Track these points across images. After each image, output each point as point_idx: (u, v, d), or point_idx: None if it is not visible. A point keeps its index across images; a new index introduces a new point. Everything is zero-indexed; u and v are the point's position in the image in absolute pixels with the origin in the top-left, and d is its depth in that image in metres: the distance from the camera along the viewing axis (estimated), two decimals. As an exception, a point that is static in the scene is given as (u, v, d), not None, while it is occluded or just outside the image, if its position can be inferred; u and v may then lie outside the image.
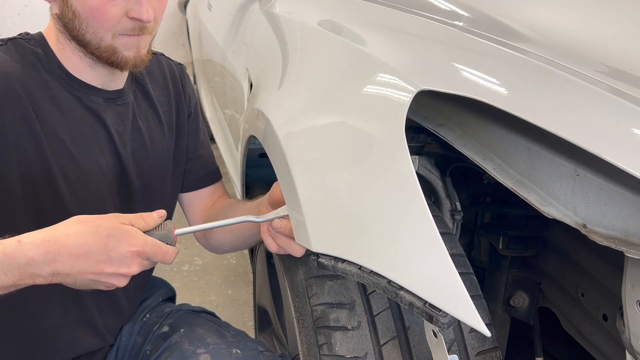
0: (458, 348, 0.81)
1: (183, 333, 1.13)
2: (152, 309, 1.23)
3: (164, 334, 1.15)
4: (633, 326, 0.65)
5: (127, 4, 0.90)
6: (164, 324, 1.18)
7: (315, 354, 0.83)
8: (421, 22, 0.94)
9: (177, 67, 1.18)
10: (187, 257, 2.54)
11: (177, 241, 0.86)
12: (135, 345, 1.17)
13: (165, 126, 1.12)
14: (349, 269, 0.71)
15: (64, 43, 0.96)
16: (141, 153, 1.07)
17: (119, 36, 0.92)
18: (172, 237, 0.84)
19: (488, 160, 0.80)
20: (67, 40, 0.95)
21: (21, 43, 0.97)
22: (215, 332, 1.13)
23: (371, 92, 0.81)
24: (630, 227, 0.65)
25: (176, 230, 0.85)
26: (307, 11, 1.24)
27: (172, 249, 0.82)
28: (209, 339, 1.10)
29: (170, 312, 1.22)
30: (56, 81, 0.96)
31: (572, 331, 1.07)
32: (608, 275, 0.92)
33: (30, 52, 0.96)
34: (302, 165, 0.82)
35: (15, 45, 0.96)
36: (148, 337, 1.17)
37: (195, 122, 1.20)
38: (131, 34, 0.92)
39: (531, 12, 0.88)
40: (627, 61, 0.72)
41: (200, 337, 1.11)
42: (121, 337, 1.18)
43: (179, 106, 1.15)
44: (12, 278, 0.71)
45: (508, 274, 1.19)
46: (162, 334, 1.16)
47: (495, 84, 0.73)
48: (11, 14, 4.57)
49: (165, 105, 1.12)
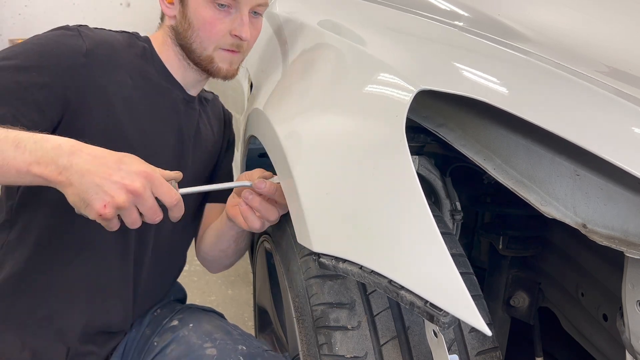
0: (458, 348, 0.81)
1: (191, 328, 1.16)
2: (164, 305, 1.27)
3: (173, 327, 1.18)
4: (633, 326, 0.65)
5: (232, 24, 1.07)
6: (174, 318, 1.21)
7: (315, 354, 0.83)
8: (421, 22, 0.94)
9: (227, 112, 1.36)
10: (187, 257, 2.54)
11: None
12: (144, 337, 1.19)
13: (212, 144, 1.27)
14: (349, 269, 0.71)
15: (169, 46, 1.13)
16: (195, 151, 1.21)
17: (219, 50, 1.09)
18: None
19: (488, 160, 0.80)
20: (173, 44, 1.13)
21: (133, 36, 1.14)
22: (222, 329, 1.16)
23: (371, 92, 0.81)
24: (630, 227, 0.65)
25: (180, 190, 0.89)
26: (307, 11, 1.24)
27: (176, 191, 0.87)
28: (216, 334, 1.13)
29: (181, 309, 1.26)
30: (153, 69, 1.12)
31: (572, 331, 1.07)
32: (608, 275, 0.92)
33: (137, 44, 1.12)
34: (302, 166, 0.82)
35: (128, 36, 1.13)
36: (157, 329, 1.19)
37: (231, 153, 1.35)
38: (229, 49, 1.09)
39: (531, 12, 0.88)
40: (627, 61, 0.72)
41: (208, 332, 1.14)
42: (131, 328, 1.19)
43: (224, 138, 1.32)
44: (31, 157, 0.79)
45: (508, 274, 1.19)
46: (171, 327, 1.18)
47: (495, 84, 0.74)
48: (11, 14, 4.58)
49: (216, 131, 1.29)
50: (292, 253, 0.97)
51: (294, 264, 0.95)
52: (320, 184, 0.78)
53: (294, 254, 0.96)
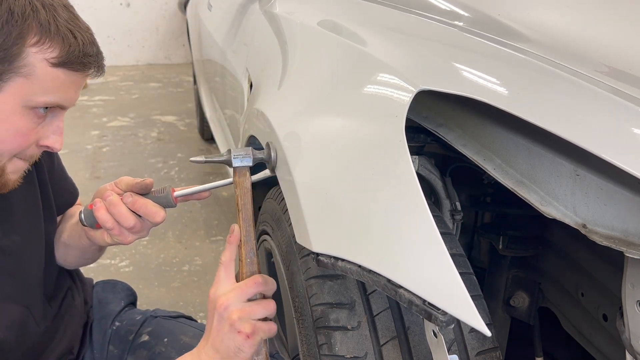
0: (458, 348, 0.80)
1: (167, 342, 1.12)
2: (119, 316, 1.21)
3: (145, 344, 1.14)
4: (633, 326, 0.65)
5: (43, 131, 0.87)
6: (141, 333, 1.16)
7: (315, 354, 0.83)
8: (421, 22, 0.94)
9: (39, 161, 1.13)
10: (187, 257, 2.54)
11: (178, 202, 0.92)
12: (113, 356, 1.15)
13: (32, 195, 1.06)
14: (348, 267, 0.71)
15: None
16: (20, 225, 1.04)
17: (14, 159, 0.87)
18: (172, 199, 0.91)
19: (488, 160, 0.80)
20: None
21: None
22: (199, 338, 1.10)
23: (371, 92, 0.81)
24: (630, 227, 0.65)
25: (175, 192, 0.91)
26: (307, 11, 1.24)
27: (160, 211, 0.89)
28: None
29: (145, 319, 1.20)
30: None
31: (572, 331, 1.07)
32: (608, 275, 0.92)
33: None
34: (301, 165, 0.82)
35: None
36: (126, 347, 1.15)
37: (45, 163, 1.13)
38: (27, 158, 0.89)
39: (531, 12, 0.88)
40: (627, 61, 0.72)
41: (188, 346, 1.10)
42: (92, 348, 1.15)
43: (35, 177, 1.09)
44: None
45: (508, 274, 1.18)
46: (142, 343, 1.14)
47: (495, 84, 0.73)
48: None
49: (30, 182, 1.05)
50: (292, 253, 0.97)
51: (294, 264, 0.95)
52: (320, 184, 0.78)
53: (294, 254, 0.95)
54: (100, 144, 3.99)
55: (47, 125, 0.87)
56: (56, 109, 0.87)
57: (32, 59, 0.79)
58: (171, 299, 2.23)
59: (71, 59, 0.82)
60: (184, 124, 4.47)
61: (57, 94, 0.83)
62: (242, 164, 0.89)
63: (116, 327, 1.19)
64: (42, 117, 0.85)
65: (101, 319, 1.20)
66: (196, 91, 3.70)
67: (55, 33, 0.80)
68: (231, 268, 0.86)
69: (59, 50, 0.81)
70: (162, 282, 2.34)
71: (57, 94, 0.83)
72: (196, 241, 2.67)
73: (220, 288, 0.83)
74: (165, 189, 0.91)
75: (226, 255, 0.86)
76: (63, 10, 0.83)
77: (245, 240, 0.88)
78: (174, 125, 4.45)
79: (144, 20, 6.88)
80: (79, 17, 0.86)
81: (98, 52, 0.87)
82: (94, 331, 1.18)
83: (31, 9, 0.79)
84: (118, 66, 6.63)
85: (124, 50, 6.84)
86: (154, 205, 0.90)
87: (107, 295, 1.25)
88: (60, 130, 0.88)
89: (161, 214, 0.90)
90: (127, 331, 1.18)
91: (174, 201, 0.91)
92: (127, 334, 1.17)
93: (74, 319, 1.13)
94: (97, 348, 1.16)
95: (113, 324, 1.19)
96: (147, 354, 1.11)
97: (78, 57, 0.83)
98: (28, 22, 0.79)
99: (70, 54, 0.82)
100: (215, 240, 2.69)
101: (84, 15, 0.91)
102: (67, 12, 0.84)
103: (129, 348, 1.15)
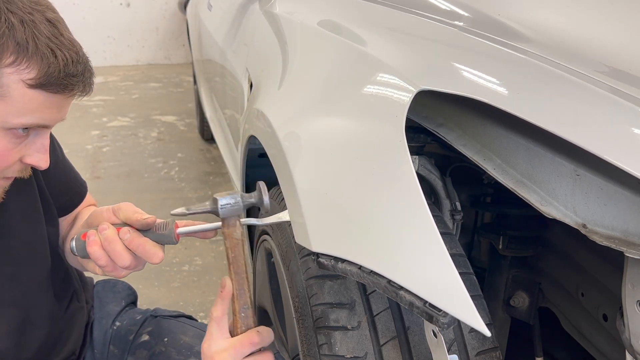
0: (458, 348, 0.81)
1: (167, 342, 1.11)
2: (120, 316, 1.20)
3: (145, 343, 1.13)
4: (633, 326, 0.65)
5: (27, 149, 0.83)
6: (141, 333, 1.16)
7: (315, 354, 0.83)
8: (421, 22, 0.94)
9: None
10: (187, 257, 2.54)
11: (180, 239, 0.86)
12: (113, 356, 1.14)
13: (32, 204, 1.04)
14: (348, 269, 0.71)
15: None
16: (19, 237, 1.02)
17: None
18: (174, 236, 0.84)
19: (488, 160, 0.80)
20: None
21: None
22: (199, 338, 1.07)
23: (371, 92, 0.81)
24: (630, 227, 0.65)
25: (179, 229, 0.84)
26: (307, 11, 1.24)
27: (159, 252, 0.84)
28: (197, 347, 1.08)
29: (145, 319, 1.19)
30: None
31: (572, 331, 1.07)
32: (608, 275, 0.92)
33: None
34: (301, 165, 0.82)
35: None
36: (126, 347, 1.14)
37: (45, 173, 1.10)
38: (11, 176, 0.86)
39: (531, 12, 0.88)
40: (627, 61, 0.72)
41: (188, 345, 1.09)
42: (93, 348, 1.15)
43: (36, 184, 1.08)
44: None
45: (508, 274, 1.18)
46: (142, 343, 1.13)
47: (495, 84, 0.74)
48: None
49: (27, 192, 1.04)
50: (292, 253, 0.97)
51: (294, 264, 0.95)
52: (320, 184, 0.78)
53: (294, 254, 0.95)
54: (100, 144, 3.99)
55: (30, 143, 0.83)
56: (39, 128, 0.82)
57: (7, 79, 0.75)
58: (171, 298, 2.23)
59: (50, 81, 0.77)
60: (184, 124, 4.47)
61: (35, 115, 0.78)
62: (231, 214, 0.80)
63: (117, 327, 1.18)
64: (22, 137, 0.80)
65: (102, 319, 1.20)
66: (196, 91, 3.70)
67: (34, 52, 0.75)
68: (224, 322, 0.81)
69: (36, 71, 0.76)
70: (162, 282, 2.34)
71: (35, 115, 0.78)
72: (196, 241, 2.67)
73: (213, 345, 0.79)
74: (168, 225, 0.84)
75: (218, 311, 0.81)
76: (46, 27, 0.77)
77: (238, 294, 0.82)
78: (174, 125, 4.45)
79: (144, 20, 6.87)
80: (64, 32, 0.80)
81: (84, 70, 0.81)
82: (94, 331, 1.18)
83: (7, 27, 0.74)
84: (118, 66, 6.62)
85: (124, 50, 6.83)
86: (153, 246, 0.83)
87: (107, 294, 1.25)
88: (44, 148, 0.83)
89: (159, 255, 0.84)
90: (127, 331, 1.18)
91: (176, 238, 0.84)
92: (128, 334, 1.17)
93: (80, 320, 1.13)
94: (97, 348, 1.16)
95: (114, 323, 1.19)
96: (147, 354, 1.11)
97: (58, 78, 0.77)
98: (3, 40, 0.74)
99: (49, 75, 0.76)
100: (215, 240, 2.69)
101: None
102: (51, 28, 0.78)
103: (129, 348, 1.15)
